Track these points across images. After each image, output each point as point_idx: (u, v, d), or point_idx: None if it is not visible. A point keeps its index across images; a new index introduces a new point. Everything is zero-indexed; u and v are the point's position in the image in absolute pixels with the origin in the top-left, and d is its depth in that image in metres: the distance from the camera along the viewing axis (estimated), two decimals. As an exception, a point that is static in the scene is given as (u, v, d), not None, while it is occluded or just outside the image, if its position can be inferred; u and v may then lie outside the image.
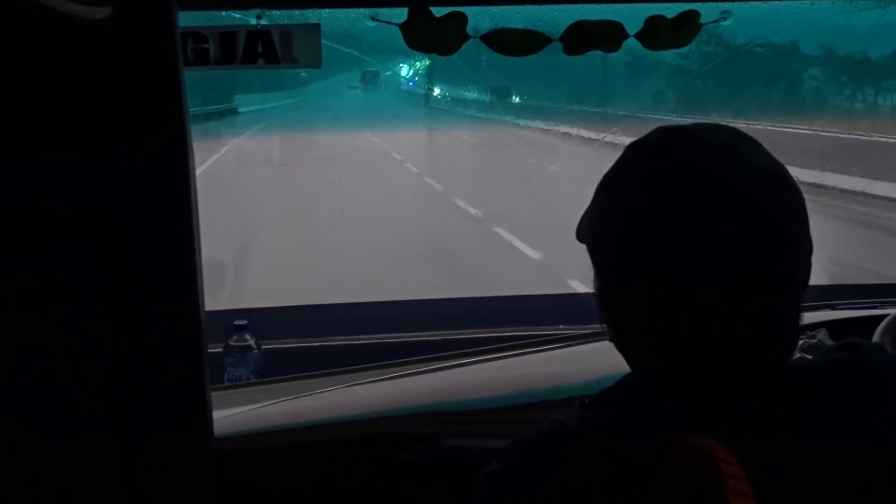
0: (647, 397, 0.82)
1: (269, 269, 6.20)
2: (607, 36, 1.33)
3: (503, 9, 1.40)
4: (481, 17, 1.35)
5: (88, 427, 0.60)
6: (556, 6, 1.41)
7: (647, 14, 1.33)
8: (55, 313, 0.59)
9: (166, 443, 0.61)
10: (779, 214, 0.77)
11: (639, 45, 1.34)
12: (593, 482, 0.76)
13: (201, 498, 0.62)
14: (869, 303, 1.89)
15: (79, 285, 0.59)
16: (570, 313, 2.06)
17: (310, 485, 1.44)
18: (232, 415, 1.47)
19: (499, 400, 1.58)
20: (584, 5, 1.40)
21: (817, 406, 0.77)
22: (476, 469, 0.84)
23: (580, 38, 1.33)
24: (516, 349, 1.76)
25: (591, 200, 0.86)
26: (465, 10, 1.28)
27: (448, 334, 2.01)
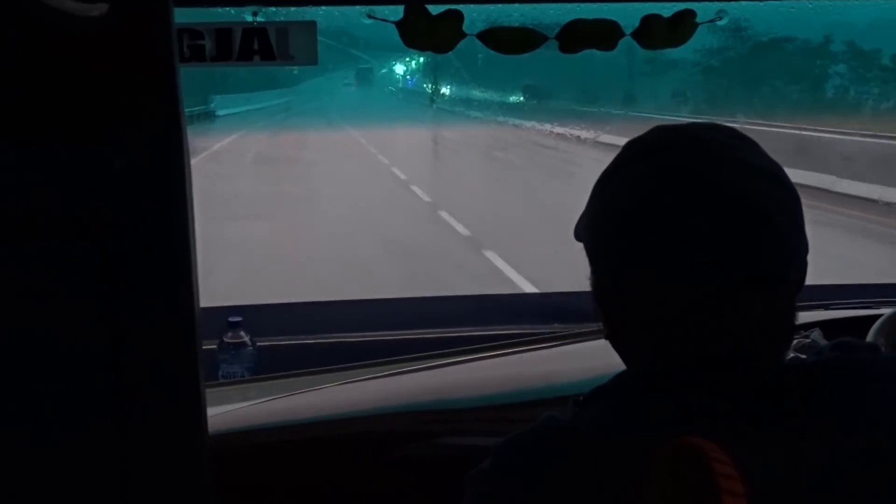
0: (642, 395, 0.82)
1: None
2: (603, 34, 1.34)
3: (499, 7, 1.41)
4: (477, 15, 1.35)
5: (82, 424, 0.60)
6: (552, 4, 1.42)
7: (644, 13, 1.34)
8: (48, 309, 0.59)
9: (160, 439, 0.61)
10: (773, 213, 0.77)
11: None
12: (587, 480, 0.76)
13: (195, 494, 0.62)
14: (863, 303, 1.90)
15: (73, 281, 0.58)
16: (564, 312, 2.06)
17: (303, 482, 1.44)
18: (226, 411, 1.47)
19: (493, 398, 1.58)
20: (580, 4, 1.40)
21: (811, 406, 0.77)
22: (469, 466, 0.84)
23: (576, 36, 1.33)
24: (510, 347, 1.76)
25: (589, 198, 0.86)
26: (461, 7, 1.28)
27: (442, 332, 2.01)
